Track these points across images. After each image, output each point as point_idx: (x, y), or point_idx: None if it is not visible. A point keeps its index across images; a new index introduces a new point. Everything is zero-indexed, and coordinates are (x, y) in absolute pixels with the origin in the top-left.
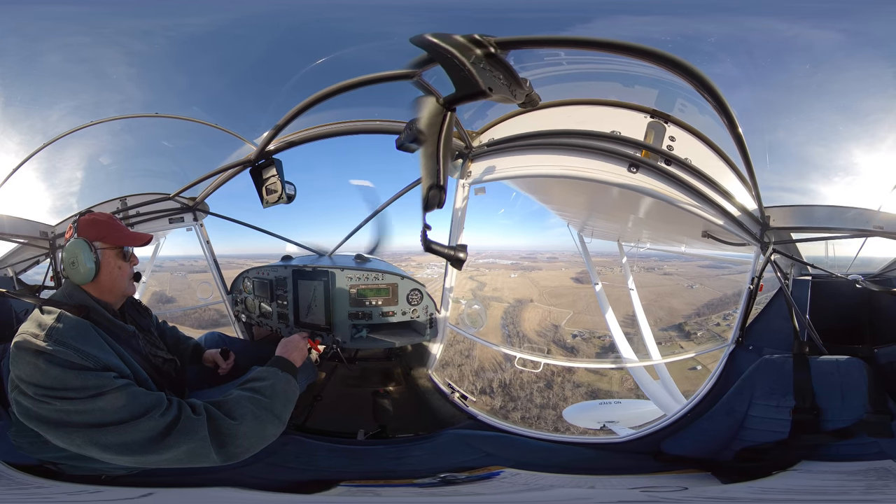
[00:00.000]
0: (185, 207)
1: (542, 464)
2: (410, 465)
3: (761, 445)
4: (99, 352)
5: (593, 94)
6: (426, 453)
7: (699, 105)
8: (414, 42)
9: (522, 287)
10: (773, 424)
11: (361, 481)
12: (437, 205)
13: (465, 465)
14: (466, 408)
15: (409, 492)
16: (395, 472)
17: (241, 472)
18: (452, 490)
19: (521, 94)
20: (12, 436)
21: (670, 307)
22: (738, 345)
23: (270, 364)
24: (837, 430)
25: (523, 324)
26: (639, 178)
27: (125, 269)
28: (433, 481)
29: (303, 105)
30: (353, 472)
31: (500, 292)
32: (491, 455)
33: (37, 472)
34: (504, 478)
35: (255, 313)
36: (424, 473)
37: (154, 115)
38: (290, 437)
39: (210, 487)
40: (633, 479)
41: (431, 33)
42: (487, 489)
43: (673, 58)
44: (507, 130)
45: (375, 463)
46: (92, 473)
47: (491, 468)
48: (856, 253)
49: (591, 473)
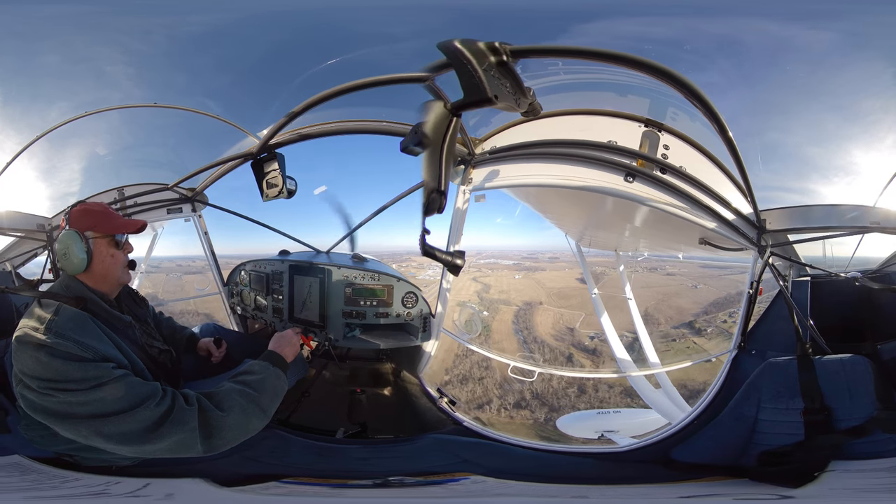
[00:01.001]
0: (183, 198)
1: (523, 472)
2: (374, 468)
3: (780, 448)
4: (97, 342)
5: (590, 104)
6: (399, 456)
7: (690, 113)
8: (440, 48)
9: (529, 289)
10: (786, 427)
11: (294, 478)
12: (438, 210)
13: (435, 470)
14: (453, 413)
15: (336, 492)
16: (353, 473)
17: (214, 463)
18: (390, 492)
19: (524, 103)
20: (22, 429)
21: (679, 306)
22: (740, 349)
23: (262, 358)
24: (851, 428)
25: (537, 328)
26: (636, 188)
27: (118, 257)
28: (366, 483)
29: (315, 99)
30: (310, 470)
31: (507, 294)
32: (467, 461)
33: (56, 464)
34: (459, 484)
35: (251, 306)
36: (373, 476)
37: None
38: (272, 431)
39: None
40: (635, 489)
41: (459, 40)
42: (427, 494)
43: (660, 67)
44: (508, 139)
45: (342, 463)
46: (104, 464)
47: (457, 474)
48: (853, 251)
49: (586, 482)
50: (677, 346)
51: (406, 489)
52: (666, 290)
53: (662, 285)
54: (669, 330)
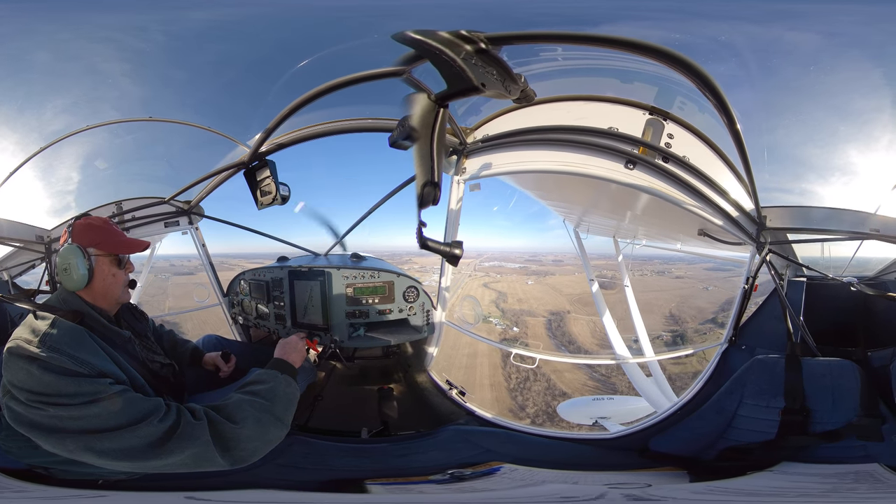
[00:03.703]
0: (180, 211)
1: (539, 459)
2: (419, 463)
3: (746, 445)
4: (94, 358)
5: (591, 90)
6: (430, 450)
7: (699, 103)
8: (397, 39)
9: (547, 296)
10: (761, 424)
11: (386, 479)
12: (432, 202)
13: (467, 461)
14: (465, 404)
15: (428, 488)
16: (406, 470)
17: (254, 473)
18: (462, 486)
19: (515, 90)
20: (1, 440)
21: (698, 307)
22: (731, 344)
23: (269, 366)
24: (825, 432)
25: (579, 340)
26: (636, 175)
27: (119, 276)
28: (443, 478)
29: (292, 107)
30: (365, 471)
31: (527, 304)
32: (490, 451)
33: (25, 477)
34: (504, 473)
35: (252, 315)
36: (434, 470)
37: (148, 119)
38: (294, 437)
39: (240, 490)
40: (613, 476)
41: (414, 30)
42: (491, 485)
43: (670, 52)
44: (502, 126)
45: (383, 461)
46: (85, 478)
47: (491, 464)
48: (851, 255)
49: (580, 469)
50: (708, 338)
51: (472, 482)
52: (681, 293)
53: (677, 288)
54: (698, 326)
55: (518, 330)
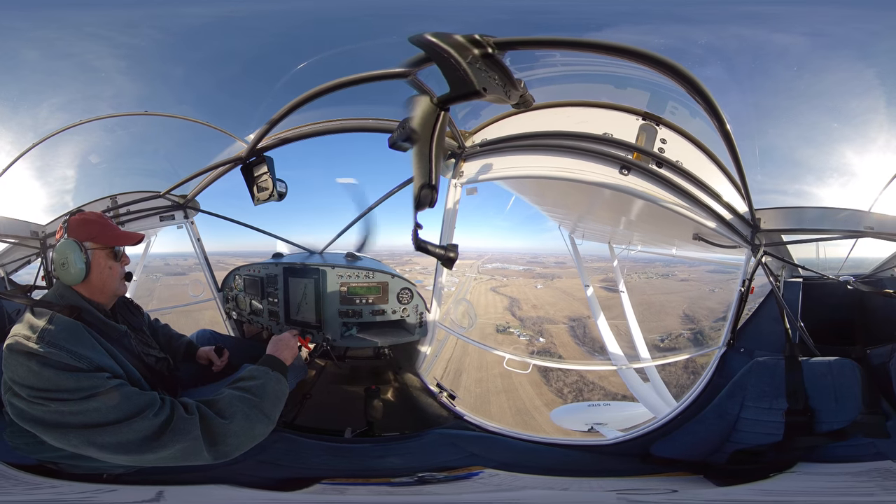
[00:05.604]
0: (175, 205)
1: (526, 465)
2: (392, 464)
3: (755, 448)
4: (91, 353)
5: (586, 96)
6: (410, 452)
7: (690, 108)
8: (413, 41)
9: (561, 301)
10: (766, 427)
11: (338, 479)
12: (429, 204)
13: (448, 465)
14: (454, 407)
15: (382, 490)
16: (375, 471)
17: (232, 469)
18: (427, 489)
19: (515, 95)
20: (8, 437)
21: (708, 307)
22: (729, 347)
23: (261, 363)
24: (832, 431)
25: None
26: (630, 181)
27: (116, 269)
28: (409, 480)
29: (297, 101)
30: (336, 471)
31: (543, 310)
32: (475, 455)
33: (38, 472)
34: (481, 478)
35: (246, 311)
36: (403, 472)
37: (144, 114)
38: (281, 434)
39: (208, 485)
40: (614, 482)
41: (431, 33)
42: (461, 489)
43: (660, 58)
44: (500, 131)
45: (359, 461)
46: (92, 472)
47: (472, 468)
48: (847, 254)
49: (572, 475)
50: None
51: (440, 485)
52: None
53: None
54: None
55: (544, 340)
